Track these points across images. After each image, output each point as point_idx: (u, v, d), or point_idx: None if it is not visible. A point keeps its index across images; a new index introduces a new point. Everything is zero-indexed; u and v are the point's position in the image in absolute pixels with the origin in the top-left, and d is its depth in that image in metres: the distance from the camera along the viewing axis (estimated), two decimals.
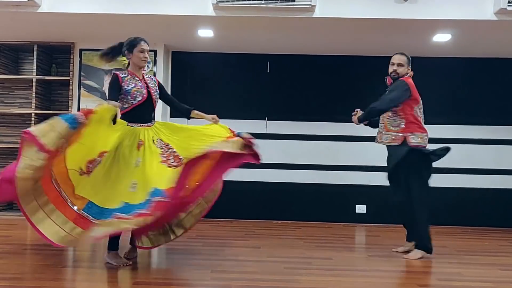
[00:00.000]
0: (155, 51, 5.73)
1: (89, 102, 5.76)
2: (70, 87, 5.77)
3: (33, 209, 3.34)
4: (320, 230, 5.37)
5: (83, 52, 5.78)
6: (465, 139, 5.87)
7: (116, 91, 3.54)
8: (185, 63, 6.03)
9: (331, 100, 5.95)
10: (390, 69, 4.13)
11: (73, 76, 5.78)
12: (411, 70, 4.16)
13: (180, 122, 4.11)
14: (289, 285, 3.11)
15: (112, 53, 3.71)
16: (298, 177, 5.93)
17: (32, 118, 5.71)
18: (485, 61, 5.87)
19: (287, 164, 5.93)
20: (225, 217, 5.81)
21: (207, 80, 6.02)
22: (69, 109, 5.77)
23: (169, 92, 5.92)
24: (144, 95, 3.60)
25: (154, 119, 3.75)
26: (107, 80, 5.75)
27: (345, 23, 4.75)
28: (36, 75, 5.72)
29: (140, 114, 3.60)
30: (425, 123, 4.66)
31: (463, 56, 5.83)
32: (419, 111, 4.10)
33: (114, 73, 3.60)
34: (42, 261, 3.58)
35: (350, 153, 5.90)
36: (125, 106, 3.56)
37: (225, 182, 4.33)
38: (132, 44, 3.62)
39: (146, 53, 3.63)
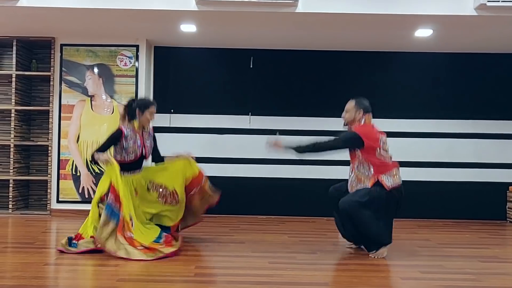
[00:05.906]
0: (137, 46, 5.68)
1: (70, 98, 5.69)
2: (51, 83, 5.69)
3: None
4: (304, 224, 5.40)
5: (64, 47, 5.70)
6: (445, 133, 5.95)
7: (112, 145, 3.96)
8: (168, 58, 5.98)
9: (314, 95, 5.96)
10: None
11: (54, 72, 5.69)
12: (366, 113, 3.91)
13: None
14: (274, 279, 3.12)
15: (129, 112, 4.03)
16: (282, 172, 5.94)
17: (12, 114, 5.62)
18: (466, 56, 5.93)
19: (271, 159, 5.93)
20: (209, 213, 5.77)
21: (190, 75, 5.99)
22: (50, 105, 5.69)
23: (151, 87, 5.94)
24: (138, 154, 4.00)
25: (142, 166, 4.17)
26: (89, 75, 5.68)
27: (327, 18, 4.76)
28: (16, 71, 5.63)
29: (131, 167, 4.01)
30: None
31: (445, 51, 5.89)
32: (381, 151, 3.83)
33: (119, 129, 3.95)
34: (24, 259, 3.54)
35: None
36: (118, 157, 3.95)
37: (210, 178, 4.35)
38: (145, 105, 4.04)
39: (154, 115, 4.09)
